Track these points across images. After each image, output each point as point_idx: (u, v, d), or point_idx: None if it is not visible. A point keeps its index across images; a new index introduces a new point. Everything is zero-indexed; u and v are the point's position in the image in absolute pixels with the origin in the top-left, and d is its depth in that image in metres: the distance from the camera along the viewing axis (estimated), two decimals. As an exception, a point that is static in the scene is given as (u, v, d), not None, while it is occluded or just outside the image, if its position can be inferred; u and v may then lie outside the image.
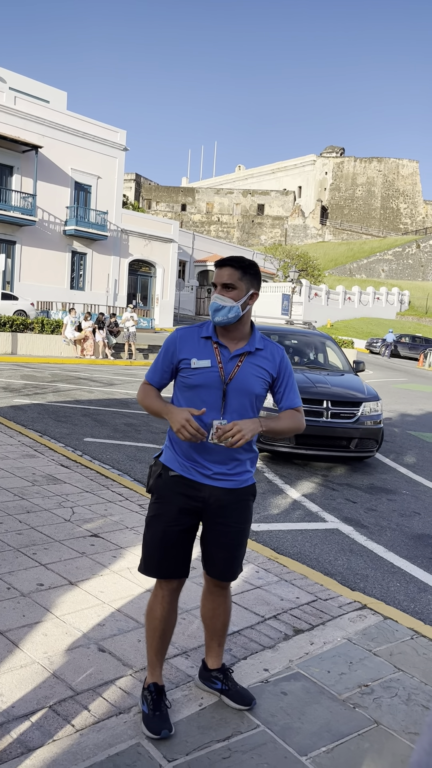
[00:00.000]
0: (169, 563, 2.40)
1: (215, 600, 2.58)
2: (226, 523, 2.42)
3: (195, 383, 2.35)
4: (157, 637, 2.47)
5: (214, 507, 2.40)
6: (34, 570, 3.71)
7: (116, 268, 33.43)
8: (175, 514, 2.38)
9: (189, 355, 2.37)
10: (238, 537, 2.45)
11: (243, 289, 2.34)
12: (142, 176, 79.71)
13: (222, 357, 2.36)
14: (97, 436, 8.17)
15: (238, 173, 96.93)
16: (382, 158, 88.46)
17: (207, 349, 2.38)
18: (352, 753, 2.35)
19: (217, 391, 2.34)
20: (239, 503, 2.43)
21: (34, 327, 20.41)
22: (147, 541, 2.44)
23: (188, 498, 2.39)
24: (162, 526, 2.39)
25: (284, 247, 53.53)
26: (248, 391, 2.37)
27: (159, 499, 2.42)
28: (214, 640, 2.65)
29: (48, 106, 30.30)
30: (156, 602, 2.46)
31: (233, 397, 2.35)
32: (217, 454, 2.37)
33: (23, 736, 2.28)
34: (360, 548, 4.92)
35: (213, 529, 2.43)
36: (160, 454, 2.50)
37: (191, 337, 2.41)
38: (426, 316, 54.34)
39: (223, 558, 2.45)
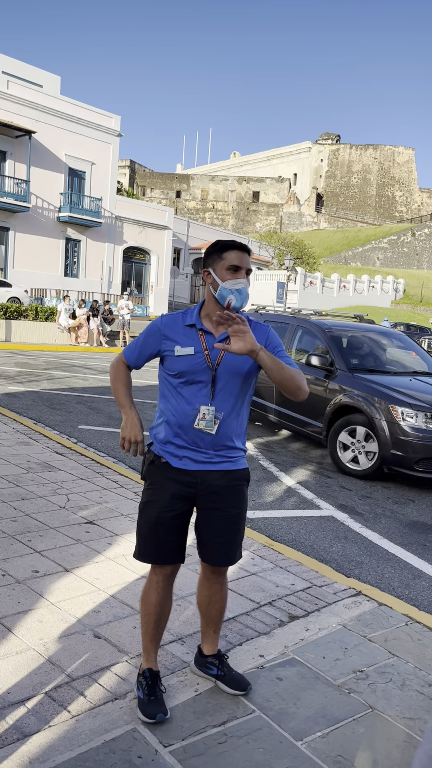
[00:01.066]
0: (163, 549, 2.40)
1: (212, 587, 2.57)
2: (220, 508, 2.41)
3: (180, 369, 2.34)
4: (152, 623, 2.47)
5: (207, 492, 2.39)
6: (29, 557, 3.70)
7: (110, 256, 33.23)
8: (168, 500, 2.37)
9: (172, 345, 2.36)
10: (233, 522, 2.44)
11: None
12: (136, 163, 79.20)
13: (207, 343, 2.35)
14: (91, 424, 8.15)
15: (234, 160, 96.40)
16: (377, 145, 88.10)
17: (191, 337, 2.36)
18: (347, 737, 2.37)
19: (205, 377, 2.33)
20: (233, 488, 2.42)
21: (28, 314, 20.32)
22: (141, 528, 2.43)
23: (181, 484, 2.38)
24: (155, 512, 2.38)
25: (279, 235, 53.37)
26: (238, 372, 2.36)
27: (152, 485, 2.42)
28: (209, 626, 2.65)
29: (41, 90, 29.94)
30: (151, 588, 2.46)
31: (222, 381, 2.34)
32: (207, 437, 2.36)
33: (19, 722, 2.28)
34: (355, 535, 4.94)
35: (207, 514, 2.43)
36: (151, 442, 2.49)
37: (175, 324, 2.39)
38: (421, 305, 54.37)
39: (219, 543, 2.44)
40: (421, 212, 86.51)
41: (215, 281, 2.32)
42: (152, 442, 2.47)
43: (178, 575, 3.56)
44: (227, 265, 2.29)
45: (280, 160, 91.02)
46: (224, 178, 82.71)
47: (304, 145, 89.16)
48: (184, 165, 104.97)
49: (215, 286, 2.32)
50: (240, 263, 2.30)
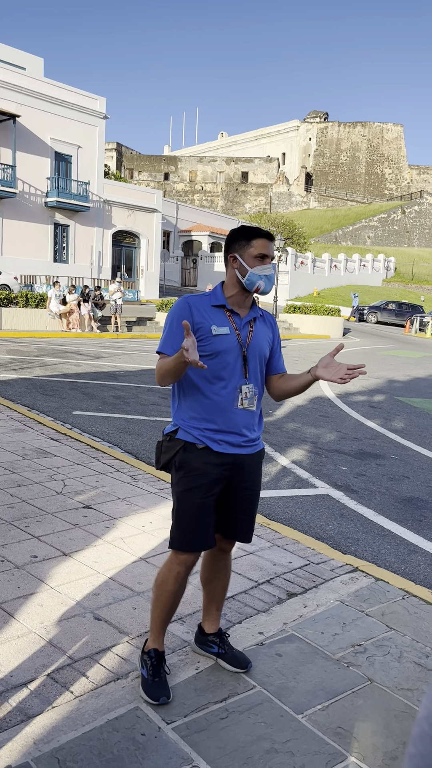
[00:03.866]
0: (206, 535, 2.41)
1: (217, 563, 2.62)
2: (249, 487, 2.49)
3: (217, 349, 2.34)
4: (166, 609, 2.48)
5: (241, 473, 2.45)
6: (28, 542, 3.72)
7: (100, 240, 32.99)
8: (209, 484, 2.38)
9: (208, 322, 2.35)
10: (255, 500, 2.56)
11: None
12: (123, 145, 78.31)
13: (236, 324, 2.40)
14: (85, 409, 8.15)
15: (221, 140, 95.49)
16: (366, 123, 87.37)
17: (222, 317, 2.39)
18: (347, 710, 2.40)
19: (237, 356, 2.38)
20: (257, 466, 2.52)
21: (19, 301, 20.19)
22: (183, 516, 2.40)
23: (220, 467, 2.39)
24: (198, 499, 2.37)
25: (269, 216, 53.09)
26: (262, 355, 2.47)
27: (191, 471, 2.38)
28: (213, 604, 2.68)
29: (24, 73, 29.46)
30: (170, 577, 2.44)
31: (252, 360, 2.42)
32: (242, 420, 2.41)
33: (22, 704, 2.30)
34: (350, 513, 4.98)
35: (237, 494, 2.47)
36: (174, 431, 2.44)
37: (203, 304, 2.39)
38: (412, 282, 54.37)
39: (245, 521, 2.53)
40: (411, 189, 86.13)
41: (243, 266, 2.36)
42: (176, 429, 2.43)
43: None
44: (256, 253, 2.36)
45: (269, 139, 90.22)
46: (212, 159, 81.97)
47: (292, 124, 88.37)
48: (171, 147, 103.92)
49: (243, 271, 2.37)
50: (267, 251, 2.38)
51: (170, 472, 2.46)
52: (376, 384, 12.80)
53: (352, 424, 8.57)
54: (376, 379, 13.64)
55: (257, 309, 2.51)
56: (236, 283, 2.41)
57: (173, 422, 2.47)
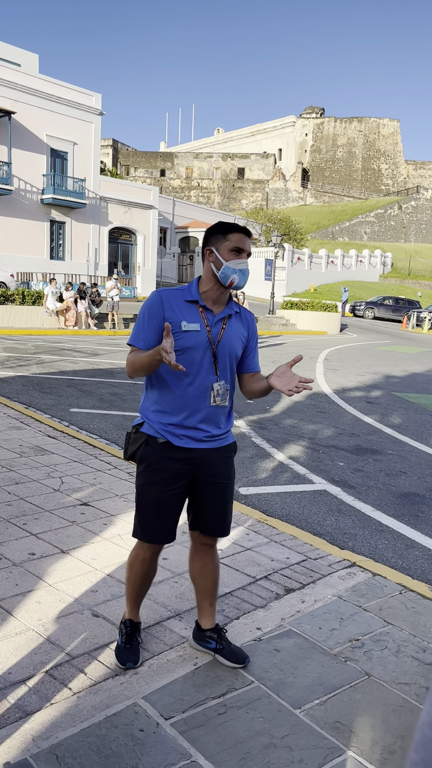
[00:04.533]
0: (165, 528, 2.47)
1: (203, 558, 2.63)
2: (216, 481, 2.49)
3: (185, 345, 2.34)
4: (137, 588, 2.61)
5: (205, 467, 2.46)
6: (25, 540, 3.72)
7: (96, 237, 32.93)
8: (169, 479, 2.42)
9: (178, 318, 2.35)
10: (227, 492, 2.54)
11: None
12: (119, 142, 78.02)
13: (208, 320, 2.39)
14: (83, 407, 8.14)
15: (217, 136, 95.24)
16: (362, 118, 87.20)
17: (193, 313, 2.38)
18: (345, 704, 2.41)
19: (206, 353, 2.38)
20: (225, 459, 2.52)
21: (15, 299, 20.15)
22: (143, 509, 2.47)
23: (181, 462, 2.42)
24: (157, 493, 2.42)
25: (266, 212, 52.99)
26: (233, 353, 2.46)
27: (150, 466, 2.44)
28: (205, 599, 2.69)
29: (19, 69, 29.36)
30: (137, 561, 2.57)
31: (221, 358, 2.42)
32: (207, 416, 2.42)
33: (21, 701, 2.31)
34: (348, 508, 4.98)
35: (204, 488, 2.49)
36: (141, 423, 2.49)
37: (176, 299, 2.39)
38: (409, 278, 54.37)
39: (217, 514, 2.52)
40: (408, 185, 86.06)
41: (218, 260, 2.37)
42: (143, 422, 2.48)
43: (175, 553, 3.61)
44: (231, 246, 2.36)
45: (265, 135, 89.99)
46: (208, 155, 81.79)
47: (288, 120, 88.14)
48: (167, 143, 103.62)
49: (218, 264, 2.37)
50: (243, 246, 2.38)
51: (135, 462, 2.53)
52: (374, 380, 12.82)
53: (349, 419, 8.58)
54: (373, 374, 13.65)
55: (233, 306, 2.49)
56: (211, 277, 2.41)
57: (140, 414, 2.51)
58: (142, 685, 2.45)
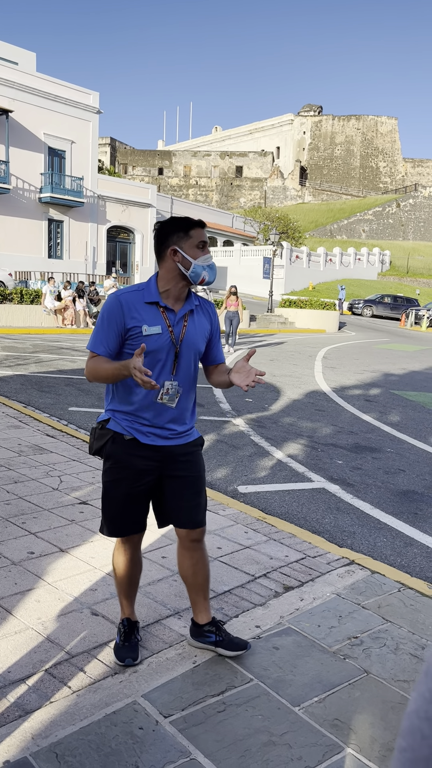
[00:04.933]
0: (133, 522, 2.52)
1: (193, 555, 2.63)
2: (183, 475, 2.51)
3: (148, 349, 2.35)
4: (126, 583, 2.63)
5: (171, 462, 2.49)
6: (24, 539, 3.72)
7: (94, 235, 32.90)
8: (136, 476, 2.45)
9: (138, 322, 2.35)
10: (197, 484, 2.56)
11: None
12: (117, 140, 77.93)
13: (170, 320, 2.40)
14: (81, 405, 8.14)
15: (215, 135, 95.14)
16: (360, 116, 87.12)
17: (154, 315, 2.38)
18: (344, 702, 2.42)
19: (169, 354, 2.40)
20: (191, 454, 2.54)
21: (13, 298, 20.12)
22: (110, 506, 2.51)
23: (147, 459, 2.45)
24: (124, 489, 2.46)
25: (264, 210, 52.92)
26: (196, 350, 2.49)
27: (117, 463, 2.46)
28: (199, 595, 2.69)
29: (16, 68, 29.31)
30: (120, 555, 2.59)
31: (183, 357, 2.44)
32: (169, 414, 2.45)
33: (20, 700, 2.31)
34: (346, 506, 4.99)
35: (173, 482, 2.51)
36: (106, 420, 2.49)
37: (135, 302, 2.38)
38: (407, 276, 54.37)
39: (187, 507, 2.54)
40: (406, 183, 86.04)
41: (185, 259, 2.37)
42: (108, 418, 2.49)
43: (172, 550, 3.61)
44: (195, 242, 2.38)
45: (263, 133, 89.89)
46: (206, 154, 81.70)
47: (286, 118, 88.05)
48: (165, 141, 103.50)
49: (186, 264, 2.37)
50: (205, 239, 2.42)
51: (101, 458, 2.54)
52: (372, 378, 12.82)
53: (347, 417, 8.58)
54: (371, 372, 13.66)
55: (193, 299, 2.50)
56: (175, 276, 2.40)
57: (106, 411, 2.52)
58: (141, 683, 2.45)
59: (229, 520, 4.23)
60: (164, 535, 3.81)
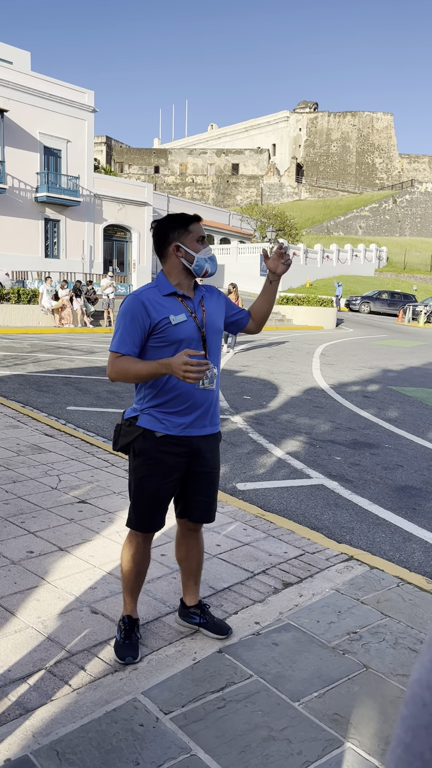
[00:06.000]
0: (160, 518, 2.59)
1: (189, 542, 2.76)
2: (206, 471, 2.61)
3: (178, 338, 2.42)
4: (132, 578, 2.67)
5: (197, 457, 2.56)
6: (24, 538, 3.72)
7: (91, 234, 32.84)
8: (167, 472, 2.52)
9: (165, 314, 2.42)
10: (214, 481, 2.67)
11: None
12: (112, 139, 77.81)
13: (190, 307, 2.50)
14: (79, 405, 8.14)
15: (211, 132, 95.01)
16: (356, 112, 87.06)
17: (176, 304, 2.47)
18: (343, 696, 2.43)
19: (197, 338, 2.48)
20: (213, 450, 2.63)
21: (10, 297, 20.11)
22: (140, 501, 2.56)
23: (176, 455, 2.51)
24: (156, 486, 2.52)
25: (260, 207, 52.92)
26: (218, 329, 2.61)
27: (148, 459, 2.51)
28: (190, 578, 2.83)
29: (11, 67, 29.22)
30: (131, 548, 2.63)
31: (210, 338, 2.53)
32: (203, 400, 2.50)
33: (21, 698, 2.32)
34: (345, 502, 5.00)
35: (196, 477, 2.60)
36: (135, 417, 2.52)
37: (155, 297, 2.45)
38: (404, 272, 54.39)
39: (206, 502, 2.65)
40: (402, 178, 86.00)
41: (189, 254, 2.46)
42: (137, 416, 2.52)
43: (171, 548, 3.61)
44: (196, 237, 2.48)
45: (259, 130, 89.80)
46: (203, 151, 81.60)
47: (281, 115, 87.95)
48: (161, 139, 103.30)
49: (190, 258, 2.46)
50: (204, 233, 2.52)
51: (128, 455, 2.59)
52: (370, 374, 12.83)
53: (346, 414, 8.60)
54: (369, 369, 13.67)
55: (201, 288, 2.61)
56: (181, 271, 2.49)
57: (135, 407, 2.55)
58: (141, 680, 2.46)
59: (228, 517, 4.24)
60: (163, 533, 3.82)
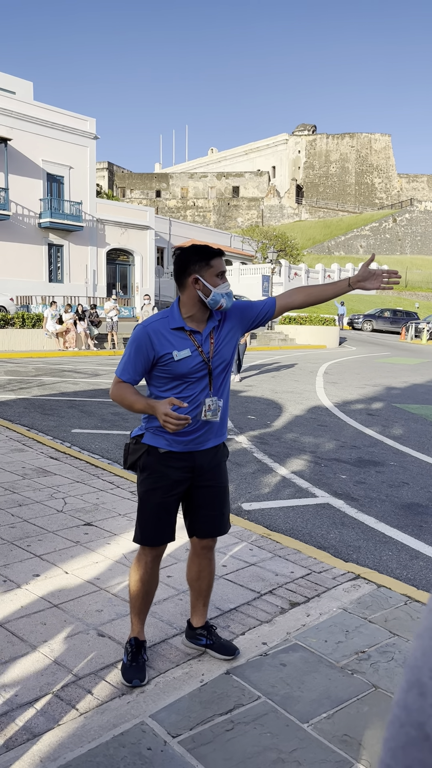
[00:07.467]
0: (165, 531, 2.60)
1: (201, 562, 2.75)
2: (212, 485, 2.63)
3: (180, 372, 2.47)
4: (140, 598, 2.66)
5: (200, 471, 2.59)
6: (30, 561, 3.72)
7: (94, 259, 33.14)
8: (171, 485, 2.55)
9: (168, 349, 2.46)
10: (223, 494, 2.68)
11: None
12: (114, 164, 78.84)
13: (198, 341, 2.51)
14: (84, 427, 8.16)
15: (211, 156, 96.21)
16: (354, 133, 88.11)
17: (182, 339, 2.49)
18: (352, 717, 2.41)
19: (202, 373, 2.51)
20: (219, 464, 2.66)
21: (15, 322, 20.25)
22: (145, 514, 2.59)
23: (179, 470, 2.55)
24: (159, 499, 2.56)
25: (261, 229, 53.32)
26: (225, 360, 2.59)
27: (152, 474, 2.56)
28: (199, 600, 2.82)
29: (14, 97, 29.77)
30: (140, 567, 2.64)
31: (217, 372, 2.55)
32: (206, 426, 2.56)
33: (28, 723, 2.30)
34: (351, 520, 4.98)
35: (201, 492, 2.63)
36: (141, 435, 2.59)
37: (162, 330, 2.48)
38: (406, 290, 54.55)
39: (213, 516, 2.66)
40: (401, 198, 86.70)
41: (206, 287, 2.45)
42: (142, 433, 2.58)
43: (179, 570, 3.61)
44: (216, 272, 2.47)
45: (258, 153, 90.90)
46: (203, 175, 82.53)
47: (281, 138, 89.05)
48: (162, 164, 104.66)
49: (207, 292, 2.46)
50: (225, 269, 2.52)
51: (136, 472, 2.63)
52: (374, 391, 12.83)
53: (350, 432, 8.58)
54: (373, 386, 13.67)
55: (216, 315, 2.57)
56: (197, 303, 2.50)
57: (141, 426, 2.61)
58: (148, 703, 2.44)
59: (234, 537, 4.23)
60: (170, 555, 3.81)
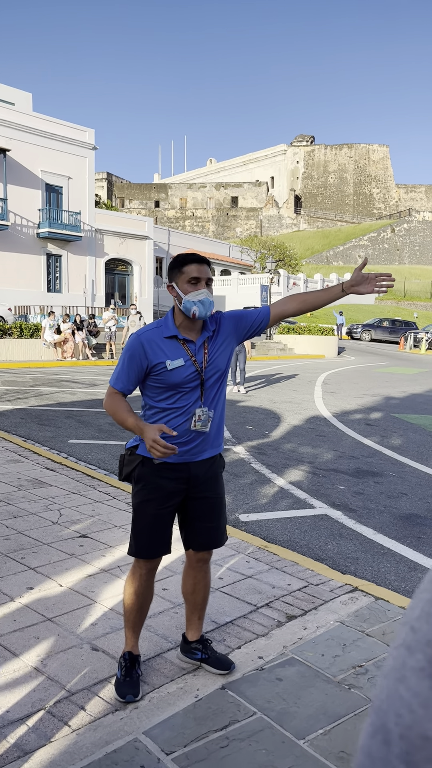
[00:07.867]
0: (160, 543, 2.57)
1: (197, 575, 2.72)
2: (207, 496, 2.59)
3: (173, 382, 2.45)
4: (135, 612, 2.63)
5: (194, 483, 2.56)
6: (24, 574, 3.68)
7: (92, 269, 33.20)
8: (165, 497, 2.52)
9: (161, 358, 2.44)
10: (219, 506, 2.64)
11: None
12: (113, 175, 79.16)
13: (191, 350, 2.48)
14: (81, 438, 8.13)
15: (210, 167, 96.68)
16: (352, 144, 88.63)
17: (176, 348, 2.46)
18: (349, 733, 2.37)
19: (195, 383, 2.48)
20: (215, 475, 2.63)
21: (13, 332, 20.24)
22: (139, 525, 2.56)
23: (173, 480, 2.52)
24: (154, 510, 2.52)
25: (260, 239, 53.49)
26: (220, 370, 2.55)
27: (147, 485, 2.53)
28: (194, 613, 2.78)
29: (13, 108, 29.93)
30: (135, 580, 2.61)
31: (209, 382, 2.52)
32: (199, 436, 2.53)
33: (20, 740, 2.26)
34: (349, 532, 4.95)
35: (196, 504, 2.59)
36: (136, 446, 2.56)
37: (156, 339, 2.47)
38: (404, 300, 54.66)
39: (210, 528, 2.62)
40: (399, 208, 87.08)
41: (179, 295, 2.45)
42: (137, 445, 2.55)
43: (174, 583, 3.57)
44: (187, 278, 2.43)
45: (257, 164, 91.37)
46: (202, 185, 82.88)
47: (279, 148, 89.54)
48: (161, 174, 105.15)
49: (179, 299, 2.46)
50: (199, 274, 2.43)
51: (131, 483, 2.60)
52: (373, 401, 12.81)
53: (349, 442, 8.56)
54: (372, 396, 13.65)
55: (210, 326, 2.53)
56: (179, 311, 2.49)
57: (136, 437, 2.56)
58: (142, 719, 2.40)
59: (231, 549, 4.19)
60: (165, 567, 3.77)
